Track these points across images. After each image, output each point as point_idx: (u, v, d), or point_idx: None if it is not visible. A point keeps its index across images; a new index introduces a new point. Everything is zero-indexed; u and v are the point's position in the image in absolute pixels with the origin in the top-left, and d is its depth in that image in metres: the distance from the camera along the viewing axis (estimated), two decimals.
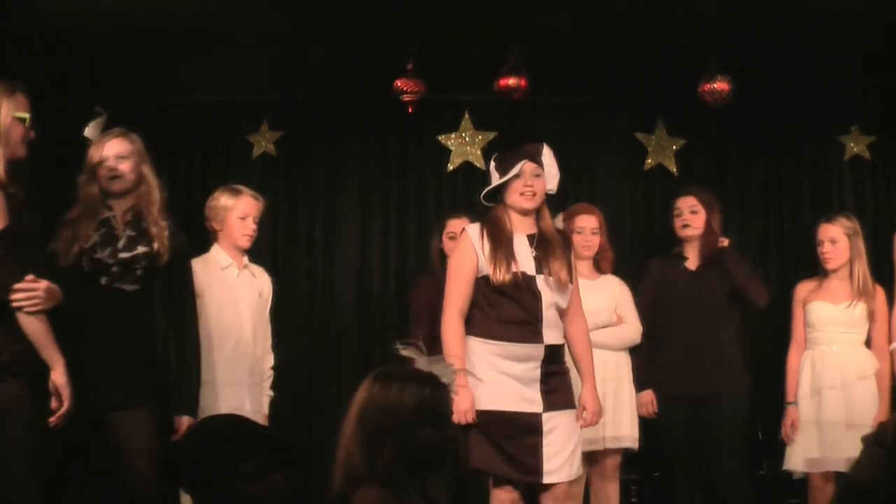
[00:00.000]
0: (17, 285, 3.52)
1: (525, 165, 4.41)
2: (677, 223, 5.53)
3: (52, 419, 3.64)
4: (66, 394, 3.64)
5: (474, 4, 5.27)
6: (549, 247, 4.43)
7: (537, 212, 4.49)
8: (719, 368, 5.35)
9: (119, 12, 5.21)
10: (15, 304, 3.52)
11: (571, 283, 4.47)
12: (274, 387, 5.24)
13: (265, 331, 5.21)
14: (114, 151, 4.38)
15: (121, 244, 4.27)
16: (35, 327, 3.57)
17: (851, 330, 5.31)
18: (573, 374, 4.55)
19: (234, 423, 2.90)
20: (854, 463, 2.80)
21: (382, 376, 2.82)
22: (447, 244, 5.57)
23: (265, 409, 5.15)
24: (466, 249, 4.44)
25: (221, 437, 2.74)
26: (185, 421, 4.54)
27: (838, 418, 5.20)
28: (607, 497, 5.41)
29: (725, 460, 5.33)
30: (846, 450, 5.03)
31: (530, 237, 4.45)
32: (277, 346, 5.30)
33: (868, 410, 5.19)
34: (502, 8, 5.28)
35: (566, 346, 4.53)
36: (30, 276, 3.55)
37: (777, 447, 5.58)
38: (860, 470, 2.69)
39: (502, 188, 4.47)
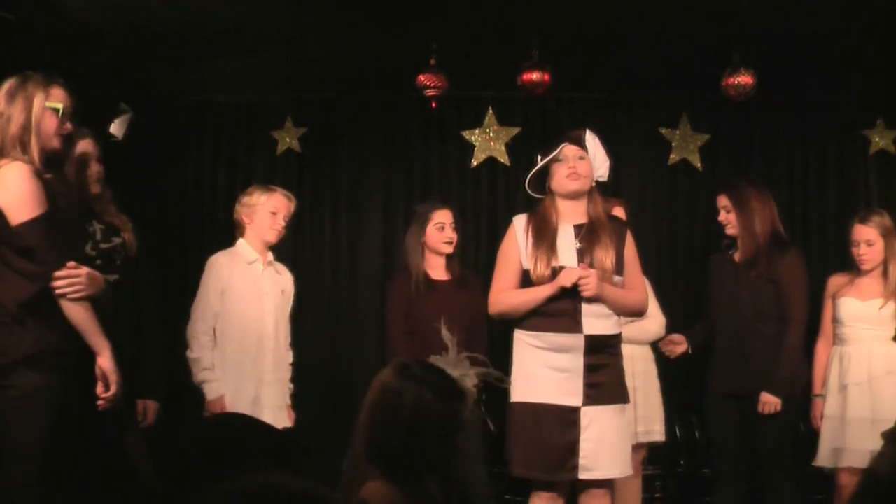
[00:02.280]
0: (59, 272, 3.49)
1: (566, 148, 4.40)
2: (720, 220, 5.42)
3: (101, 402, 3.62)
4: (113, 378, 3.62)
5: None
6: (596, 236, 4.37)
7: (588, 199, 4.44)
8: (765, 362, 5.14)
9: (143, 11, 5.23)
10: (58, 292, 3.50)
11: (619, 274, 4.38)
12: (293, 381, 5.31)
13: (286, 328, 5.28)
14: (96, 152, 4.42)
15: (98, 236, 4.32)
16: (80, 315, 3.55)
17: (878, 327, 5.27)
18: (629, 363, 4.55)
19: (241, 424, 2.81)
20: (875, 456, 2.79)
21: (403, 372, 2.74)
22: (434, 235, 5.44)
23: (288, 401, 5.23)
24: (511, 241, 4.46)
25: (227, 439, 2.69)
26: (150, 405, 4.67)
27: (863, 414, 5.15)
28: (631, 492, 5.41)
29: (772, 458, 5.17)
30: (869, 444, 4.97)
31: (577, 227, 4.40)
32: (299, 343, 5.35)
33: (894, 405, 5.11)
34: (525, 2, 5.27)
35: (619, 337, 4.48)
36: (71, 263, 3.54)
37: (805, 444, 5.51)
38: (881, 464, 2.68)
39: (549, 178, 4.44)
